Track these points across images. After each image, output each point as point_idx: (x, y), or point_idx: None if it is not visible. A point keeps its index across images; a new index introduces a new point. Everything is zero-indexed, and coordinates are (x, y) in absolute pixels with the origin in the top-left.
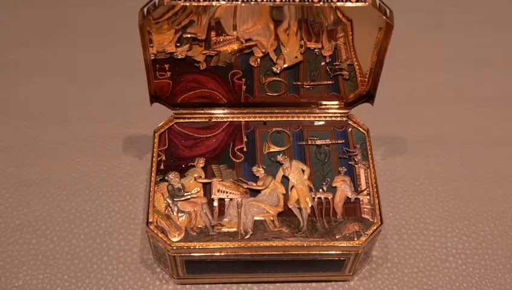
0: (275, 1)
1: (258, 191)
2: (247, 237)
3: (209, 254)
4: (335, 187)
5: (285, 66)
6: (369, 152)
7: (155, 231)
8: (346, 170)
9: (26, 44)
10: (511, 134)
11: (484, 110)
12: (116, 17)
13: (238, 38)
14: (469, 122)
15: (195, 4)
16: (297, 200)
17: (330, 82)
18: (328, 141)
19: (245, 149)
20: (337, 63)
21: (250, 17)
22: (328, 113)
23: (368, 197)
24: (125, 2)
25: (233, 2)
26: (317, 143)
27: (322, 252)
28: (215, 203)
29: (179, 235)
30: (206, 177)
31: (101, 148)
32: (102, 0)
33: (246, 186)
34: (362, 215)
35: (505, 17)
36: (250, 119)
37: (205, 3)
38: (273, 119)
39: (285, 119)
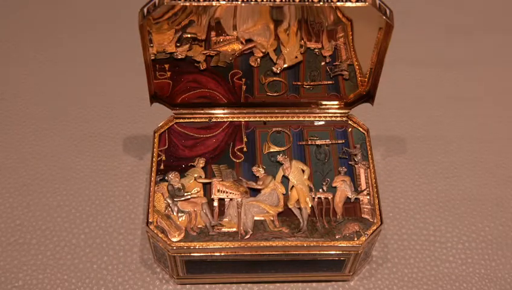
0: (275, 1)
1: (258, 191)
2: (247, 237)
3: (209, 254)
4: (335, 187)
5: (285, 66)
6: (369, 152)
7: (155, 231)
8: (346, 170)
9: (26, 44)
10: (511, 134)
11: (484, 109)
12: (116, 17)
13: (238, 38)
14: (469, 122)
15: (195, 4)
16: (297, 200)
17: (330, 82)
18: (328, 141)
19: (245, 149)
20: (337, 63)
21: (250, 17)
22: (328, 113)
23: (368, 197)
24: (125, 2)
25: (233, 2)
26: (317, 143)
27: (322, 252)
28: (215, 203)
29: (179, 235)
30: (206, 177)
31: (101, 148)
32: (101, 0)
33: (245, 185)
34: (362, 215)
35: (504, 20)
36: (250, 119)
37: (205, 3)
38: (273, 119)
39: (285, 119)
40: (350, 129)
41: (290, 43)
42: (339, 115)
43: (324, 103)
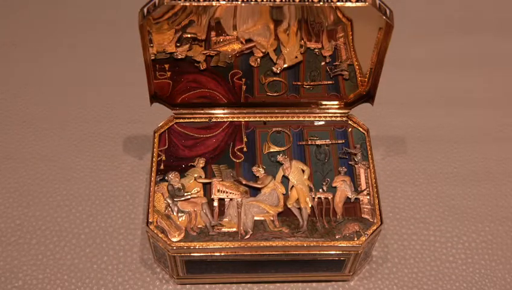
0: (275, 1)
1: (258, 191)
2: (247, 237)
3: (209, 254)
4: (335, 187)
5: (285, 66)
6: (369, 152)
7: (155, 231)
8: (346, 170)
9: (26, 43)
10: (511, 134)
11: (484, 109)
12: (116, 17)
13: (238, 38)
14: (469, 122)
15: (195, 4)
16: (297, 200)
17: (330, 82)
18: (328, 141)
19: (245, 149)
20: (337, 63)
21: (250, 17)
22: (328, 113)
23: (368, 197)
24: (126, 2)
25: (233, 2)
26: (317, 143)
27: (322, 252)
28: (215, 203)
29: (179, 235)
30: (206, 177)
31: (101, 148)
32: (101, 0)
33: (244, 182)
34: (362, 215)
35: (504, 20)
36: (250, 119)
37: (205, 3)
38: (273, 119)
39: (285, 119)
40: (350, 129)
41: (290, 43)
42: (339, 115)
43: (324, 103)
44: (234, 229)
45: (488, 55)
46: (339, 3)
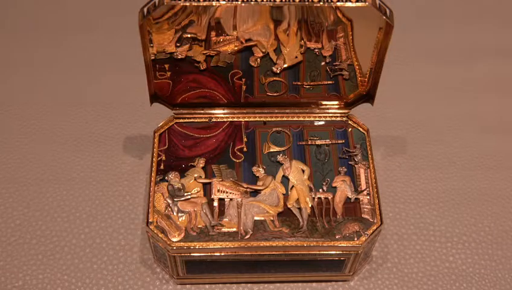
0: (275, 1)
1: (258, 191)
2: (247, 237)
3: (209, 254)
4: (335, 187)
5: (285, 66)
6: (369, 152)
7: (155, 231)
8: (346, 170)
9: (27, 43)
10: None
11: (485, 109)
12: (116, 17)
13: (238, 38)
14: (470, 122)
15: (195, 4)
16: (297, 200)
17: (330, 82)
18: (328, 141)
19: (245, 149)
20: (337, 63)
21: (250, 17)
22: (328, 113)
23: (368, 197)
24: (126, 2)
25: (233, 2)
26: (317, 143)
27: (322, 252)
28: (215, 203)
29: (179, 235)
30: (206, 177)
31: (101, 148)
32: (102, 0)
33: (245, 186)
34: (362, 215)
35: (503, 16)
36: (250, 119)
37: (205, 3)
38: (273, 119)
39: (285, 119)
40: (350, 129)
41: (290, 43)
42: (339, 115)
43: (324, 103)
44: (234, 229)
45: (488, 53)
46: (339, 3)
